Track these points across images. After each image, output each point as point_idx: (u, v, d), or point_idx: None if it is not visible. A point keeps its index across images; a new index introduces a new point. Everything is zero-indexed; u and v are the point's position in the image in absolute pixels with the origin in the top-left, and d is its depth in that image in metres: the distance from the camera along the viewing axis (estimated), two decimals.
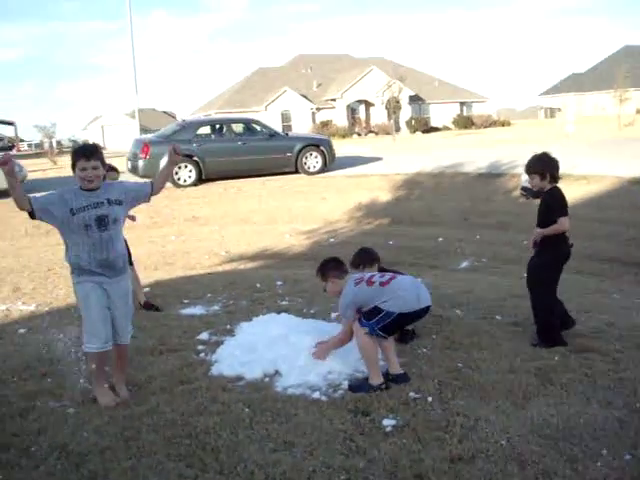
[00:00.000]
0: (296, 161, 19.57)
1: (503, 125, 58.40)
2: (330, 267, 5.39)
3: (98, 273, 4.71)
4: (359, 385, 4.92)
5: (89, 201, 4.59)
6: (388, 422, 4.25)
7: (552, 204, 5.68)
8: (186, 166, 18.38)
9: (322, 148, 19.95)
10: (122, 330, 4.94)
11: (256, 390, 4.94)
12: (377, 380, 4.88)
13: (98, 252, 4.66)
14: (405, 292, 5.00)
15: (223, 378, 5.22)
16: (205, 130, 20.06)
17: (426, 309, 5.08)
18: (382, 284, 5.05)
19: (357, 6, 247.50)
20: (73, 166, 4.60)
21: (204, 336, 6.26)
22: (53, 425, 4.48)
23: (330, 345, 5.29)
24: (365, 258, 6.14)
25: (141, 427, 4.38)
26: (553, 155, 5.88)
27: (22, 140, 72.59)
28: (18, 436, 4.34)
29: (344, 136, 50.46)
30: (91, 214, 4.58)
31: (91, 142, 48.30)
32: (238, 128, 20.29)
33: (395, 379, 4.97)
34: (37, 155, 44.20)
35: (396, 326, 5.06)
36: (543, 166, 5.76)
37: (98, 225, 4.61)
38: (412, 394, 4.69)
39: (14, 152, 57.06)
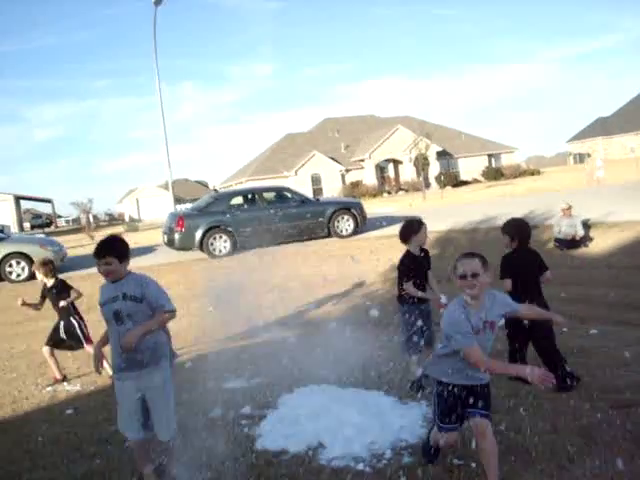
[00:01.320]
0: (328, 225, 19.81)
1: (533, 174, 58.37)
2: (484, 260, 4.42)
3: (123, 368, 4.73)
4: None
5: (110, 294, 4.72)
6: None
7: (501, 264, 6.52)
8: (221, 237, 18.70)
9: (353, 211, 20.20)
10: (157, 425, 4.78)
11: (300, 463, 5.00)
12: None
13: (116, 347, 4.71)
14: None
15: (267, 452, 5.29)
16: (238, 200, 20.46)
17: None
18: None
19: (377, 70, 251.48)
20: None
21: (246, 410, 6.34)
22: None
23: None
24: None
25: None
26: (525, 221, 6.95)
27: (59, 216, 74.34)
28: None
29: (374, 195, 50.87)
30: (110, 307, 4.69)
31: (127, 215, 48.93)
32: (269, 196, 20.67)
33: None
34: (75, 231, 45.15)
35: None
36: (511, 230, 6.70)
37: (115, 319, 4.68)
38: (455, 460, 4.72)
39: (52, 228, 58.48)
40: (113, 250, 4.76)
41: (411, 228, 6.77)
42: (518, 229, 6.74)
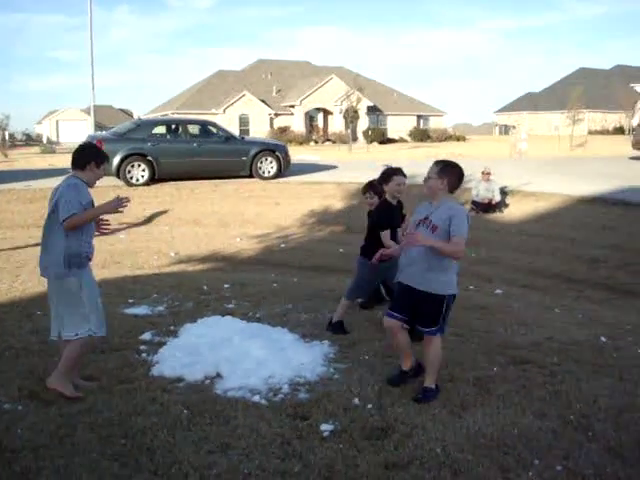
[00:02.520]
0: (251, 165, 19.49)
1: (458, 140, 59.11)
2: (455, 171, 4.90)
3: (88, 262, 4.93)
4: (425, 396, 4.77)
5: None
6: (326, 427, 4.27)
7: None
8: (139, 165, 18.17)
9: (277, 153, 19.92)
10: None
11: (196, 392, 4.92)
12: (434, 384, 4.89)
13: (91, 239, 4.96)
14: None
15: (164, 379, 5.19)
16: (160, 130, 19.85)
17: None
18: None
19: (320, 16, 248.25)
20: (99, 165, 4.87)
21: (147, 336, 6.21)
22: None
23: (441, 245, 4.68)
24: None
25: (77, 425, 4.33)
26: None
27: None
28: None
29: (301, 143, 50.51)
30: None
31: (45, 137, 47.22)
32: (194, 129, 20.12)
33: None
34: None
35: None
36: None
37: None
38: (353, 400, 4.72)
39: None
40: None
41: (386, 173, 6.57)
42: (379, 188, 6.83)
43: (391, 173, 6.52)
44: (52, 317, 4.98)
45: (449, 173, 4.86)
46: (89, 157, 4.88)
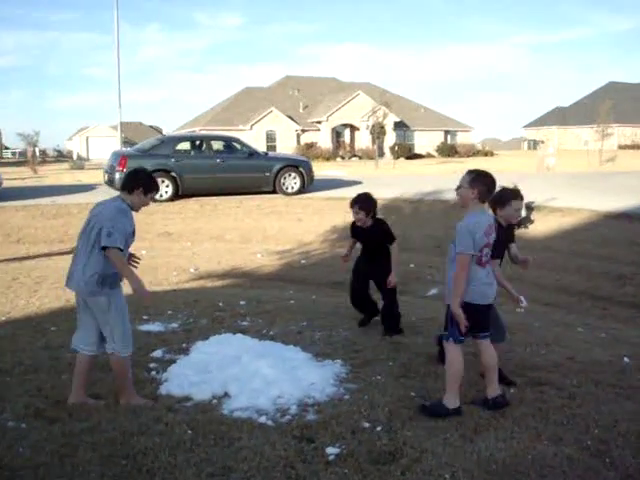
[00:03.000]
0: (274, 181, 19.49)
1: (486, 155, 58.75)
2: (486, 181, 4.83)
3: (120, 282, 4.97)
4: (434, 409, 4.74)
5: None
6: (332, 450, 4.14)
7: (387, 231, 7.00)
8: (163, 181, 18.23)
9: (301, 169, 19.91)
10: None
11: (202, 412, 4.82)
12: (453, 403, 4.76)
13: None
14: (482, 286, 5.00)
15: (171, 398, 5.11)
16: (184, 146, 19.96)
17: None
18: (481, 263, 4.99)
19: (347, 33, 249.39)
20: (147, 192, 4.92)
21: (158, 354, 6.14)
22: None
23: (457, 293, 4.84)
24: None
25: (79, 445, 4.25)
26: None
27: (7, 148, 72.28)
28: None
29: (328, 159, 50.54)
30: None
31: (75, 154, 47.87)
32: (218, 145, 20.21)
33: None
34: (19, 164, 43.88)
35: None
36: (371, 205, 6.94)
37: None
38: (362, 422, 4.59)
39: None
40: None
41: (504, 197, 5.53)
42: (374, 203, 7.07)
43: (509, 197, 5.56)
44: (77, 327, 5.05)
45: (480, 183, 4.83)
46: (139, 182, 4.91)
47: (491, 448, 4.19)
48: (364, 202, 6.95)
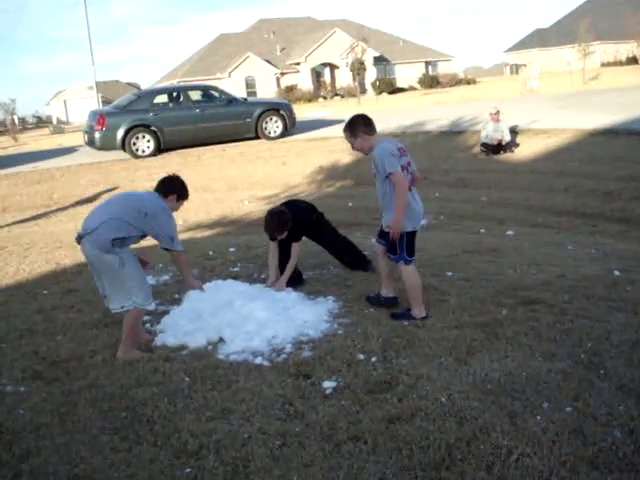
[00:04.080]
0: (256, 126, 19.28)
1: (469, 83, 58.15)
2: (359, 123, 5.23)
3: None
4: (403, 314, 5.28)
5: None
6: (328, 384, 4.18)
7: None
8: (144, 136, 18.03)
9: (282, 112, 19.68)
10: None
11: (198, 358, 4.85)
12: (420, 313, 5.23)
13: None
14: (418, 209, 5.24)
15: (166, 348, 5.13)
16: (162, 99, 19.63)
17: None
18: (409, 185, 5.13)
19: None
20: (179, 200, 5.24)
21: (151, 306, 6.10)
22: None
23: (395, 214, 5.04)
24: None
25: (78, 402, 4.28)
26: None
27: None
28: None
29: (310, 100, 50.00)
30: None
31: (54, 118, 47.28)
32: (196, 95, 19.88)
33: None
34: None
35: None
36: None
37: None
38: (357, 355, 4.62)
39: None
40: None
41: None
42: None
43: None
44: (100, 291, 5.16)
45: (355, 126, 5.22)
46: (174, 190, 5.18)
47: (486, 369, 4.24)
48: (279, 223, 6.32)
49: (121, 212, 4.95)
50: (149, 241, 5.52)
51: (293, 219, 6.22)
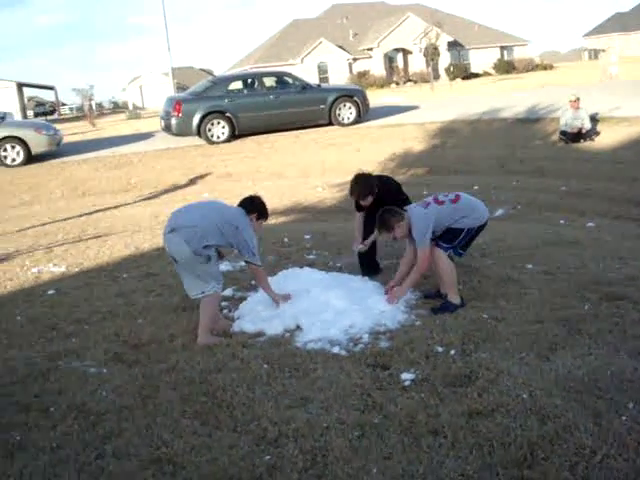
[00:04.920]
0: (329, 113, 19.27)
1: (545, 69, 56.72)
2: (388, 216, 5.34)
3: None
4: (442, 306, 5.31)
5: None
6: (407, 376, 4.15)
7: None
8: (219, 122, 18.25)
9: (356, 99, 19.61)
10: None
11: (276, 345, 4.89)
12: (457, 299, 5.33)
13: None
14: (478, 204, 5.48)
15: (244, 334, 5.19)
16: (236, 85, 19.80)
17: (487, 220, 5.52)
18: (453, 201, 5.35)
19: None
20: (259, 219, 5.46)
21: (228, 292, 6.21)
22: (74, 385, 4.50)
23: (410, 282, 5.42)
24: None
25: (159, 385, 4.38)
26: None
27: (63, 104, 73.24)
28: (39, 397, 4.36)
29: (382, 86, 49.63)
30: None
31: (131, 104, 48.38)
32: (270, 82, 19.99)
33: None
34: (77, 119, 44.49)
35: (472, 240, 5.53)
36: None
37: None
38: (435, 347, 4.58)
39: (55, 116, 57.73)
40: None
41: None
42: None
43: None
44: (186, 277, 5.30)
45: (395, 222, 5.29)
46: (255, 209, 5.39)
47: (568, 366, 4.13)
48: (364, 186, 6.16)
49: (217, 220, 5.15)
50: None
51: (382, 190, 6.10)
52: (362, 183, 6.13)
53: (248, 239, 5.19)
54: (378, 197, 6.05)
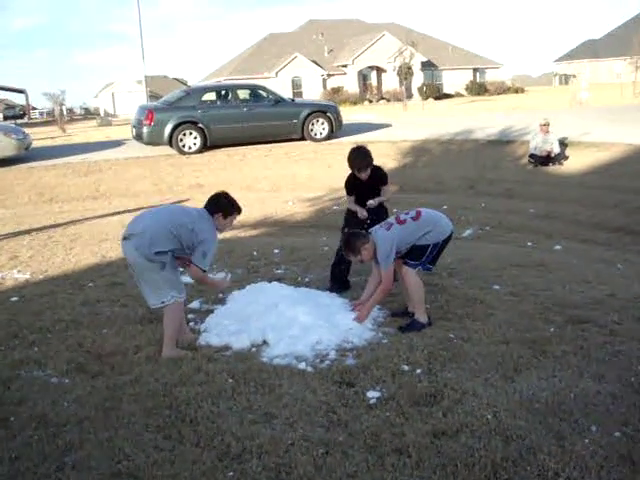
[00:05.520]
0: (302, 128, 19.29)
1: (517, 92, 57.56)
2: (354, 240, 5.37)
3: None
4: (410, 325, 5.31)
5: None
6: (373, 394, 4.14)
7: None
8: (191, 133, 18.17)
9: (329, 114, 19.65)
10: None
11: (242, 360, 4.85)
12: (424, 318, 5.34)
13: None
14: (441, 218, 5.48)
15: (210, 347, 5.15)
16: (210, 96, 19.71)
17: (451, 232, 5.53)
18: (414, 219, 5.35)
19: None
20: (226, 216, 5.21)
21: (195, 304, 6.18)
22: (35, 395, 4.42)
23: (374, 301, 5.44)
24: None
25: (122, 397, 4.31)
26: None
27: (34, 108, 72.43)
28: None
29: (355, 103, 49.94)
30: None
31: (102, 110, 48.03)
32: (244, 94, 19.94)
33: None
34: (48, 123, 44.02)
35: (439, 254, 5.49)
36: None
37: None
38: (401, 365, 4.58)
39: (25, 120, 57.02)
40: None
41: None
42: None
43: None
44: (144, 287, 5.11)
45: (361, 245, 5.30)
46: (219, 208, 5.17)
47: (533, 387, 4.16)
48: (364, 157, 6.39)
49: (168, 224, 4.97)
50: None
51: (374, 170, 6.39)
52: (362, 153, 6.32)
53: (206, 241, 4.98)
54: (372, 175, 6.33)
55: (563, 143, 16.36)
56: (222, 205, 5.21)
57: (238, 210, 5.33)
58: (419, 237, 5.29)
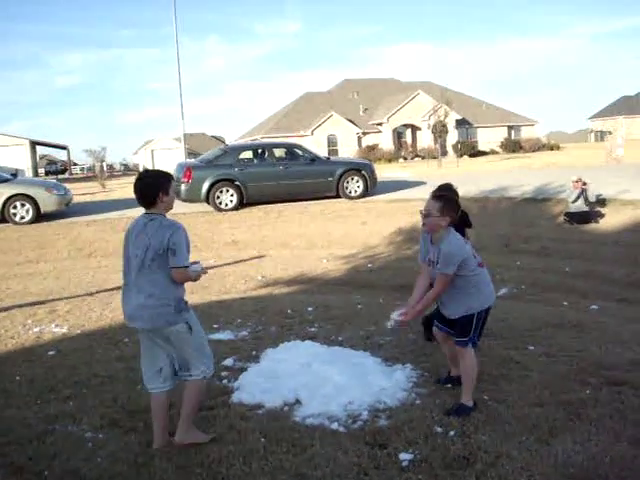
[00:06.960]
0: (337, 185, 19.51)
1: (552, 149, 57.52)
2: (453, 203, 4.87)
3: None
4: (457, 410, 4.79)
5: None
6: (405, 456, 4.11)
7: None
8: (228, 190, 18.47)
9: (364, 172, 19.86)
10: None
11: (274, 419, 4.85)
12: (471, 402, 4.88)
13: None
14: (490, 283, 5.01)
15: (243, 406, 5.16)
16: (247, 155, 20.13)
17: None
18: (479, 264, 4.87)
19: (404, 33, 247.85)
20: (167, 192, 4.32)
21: (229, 362, 6.21)
22: (68, 449, 4.48)
23: (427, 301, 4.97)
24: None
25: (155, 454, 4.34)
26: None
27: (75, 164, 74.32)
28: (33, 459, 4.34)
29: (390, 160, 50.31)
30: None
31: (141, 166, 48.91)
32: (280, 153, 20.31)
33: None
34: (88, 179, 45.05)
35: (484, 326, 5.07)
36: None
37: None
38: (434, 427, 4.54)
39: (66, 175, 58.46)
40: None
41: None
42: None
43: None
44: (146, 366, 4.56)
45: (450, 209, 4.81)
46: (156, 188, 4.31)
47: (568, 451, 4.10)
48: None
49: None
50: None
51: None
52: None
53: (184, 246, 4.29)
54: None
55: (599, 200, 16.28)
56: (155, 185, 4.33)
57: (170, 176, 4.45)
58: (469, 277, 4.79)
